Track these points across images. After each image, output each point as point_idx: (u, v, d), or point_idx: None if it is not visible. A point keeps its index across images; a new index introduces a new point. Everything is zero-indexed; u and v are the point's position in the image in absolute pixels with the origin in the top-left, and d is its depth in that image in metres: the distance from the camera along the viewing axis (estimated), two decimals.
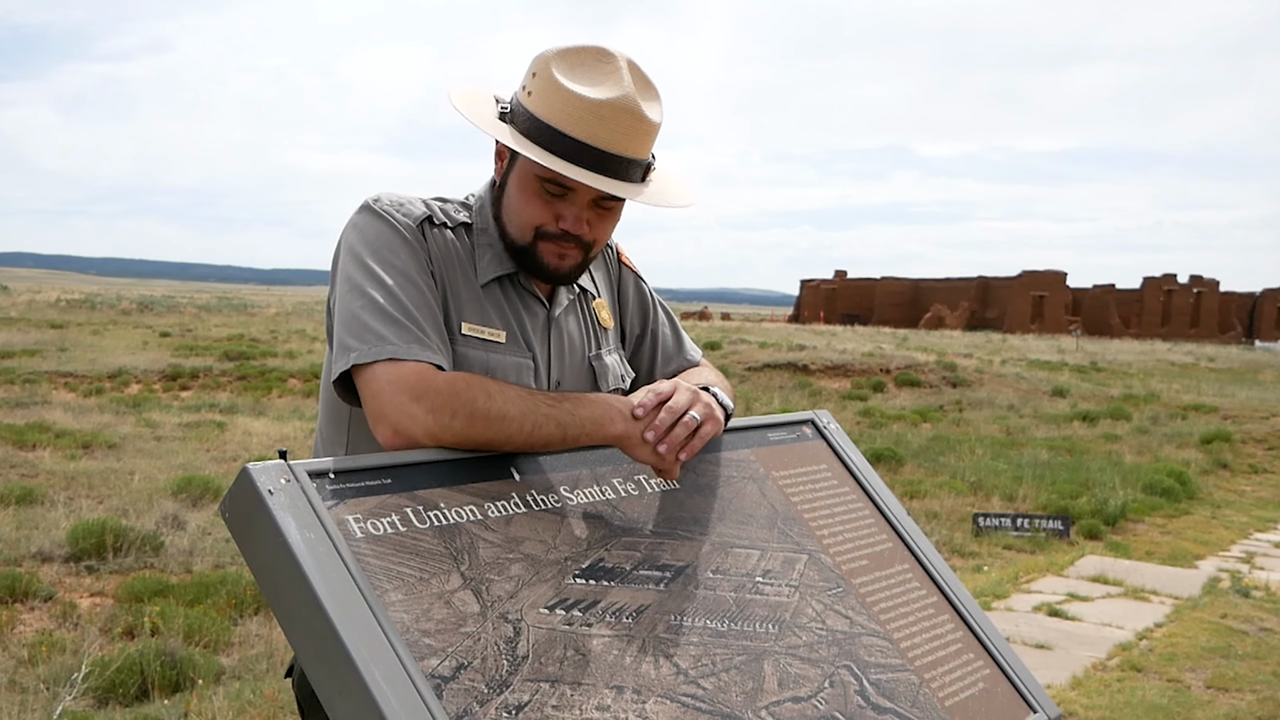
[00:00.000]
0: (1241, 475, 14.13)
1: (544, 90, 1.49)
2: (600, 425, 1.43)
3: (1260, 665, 5.36)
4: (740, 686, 1.33)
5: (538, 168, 1.50)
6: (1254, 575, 7.99)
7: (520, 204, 1.55)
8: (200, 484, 8.88)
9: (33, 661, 5.09)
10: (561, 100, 1.47)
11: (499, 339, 1.56)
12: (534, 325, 1.62)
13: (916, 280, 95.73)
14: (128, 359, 20.26)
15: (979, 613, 1.72)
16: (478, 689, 1.13)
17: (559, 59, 1.50)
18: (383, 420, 1.38)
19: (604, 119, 1.46)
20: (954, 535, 9.14)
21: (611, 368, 1.71)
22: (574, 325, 1.68)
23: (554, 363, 1.63)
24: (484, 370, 1.52)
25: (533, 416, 1.40)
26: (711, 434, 1.51)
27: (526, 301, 1.62)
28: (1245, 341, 75.21)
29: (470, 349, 1.53)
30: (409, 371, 1.39)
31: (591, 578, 1.33)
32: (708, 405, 1.51)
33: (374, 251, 1.49)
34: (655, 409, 1.46)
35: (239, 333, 28.34)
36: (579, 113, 1.46)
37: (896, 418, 17.21)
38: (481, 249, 1.59)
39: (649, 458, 1.46)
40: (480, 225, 1.61)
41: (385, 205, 1.54)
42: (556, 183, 1.51)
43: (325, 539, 1.15)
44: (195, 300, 51.23)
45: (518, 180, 1.55)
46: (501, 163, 1.60)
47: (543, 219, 1.54)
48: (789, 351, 24.01)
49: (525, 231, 1.55)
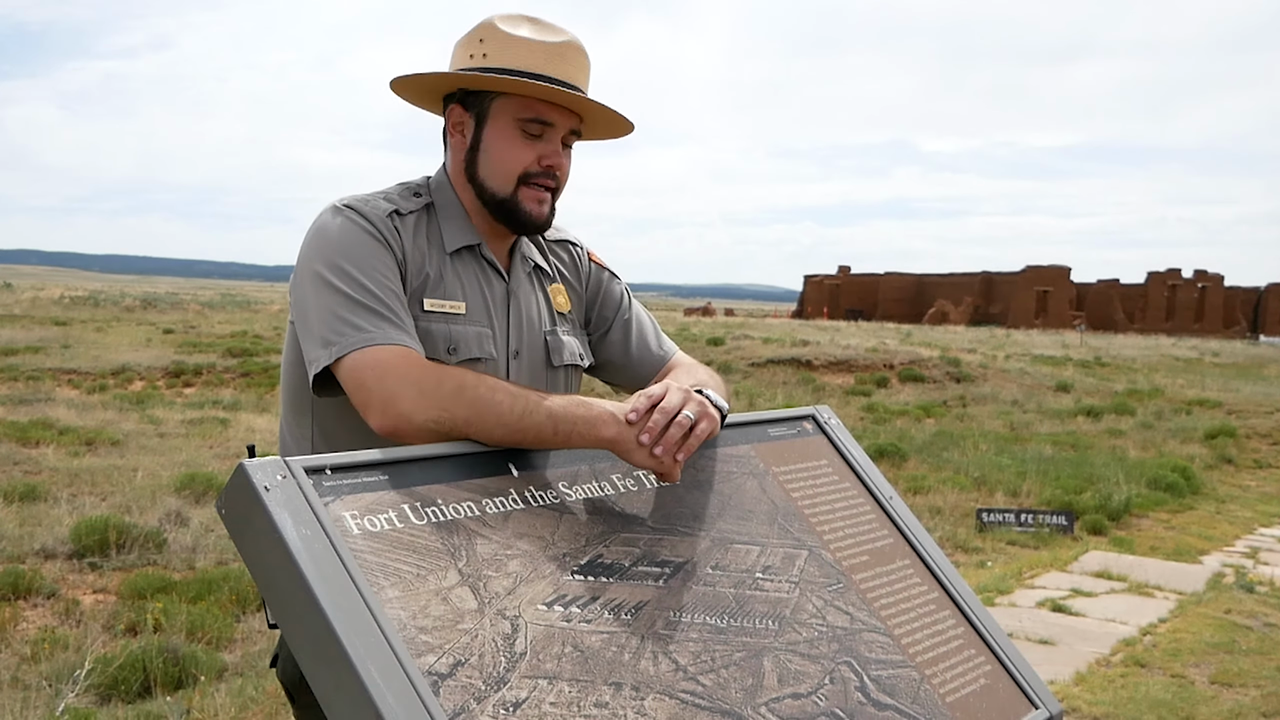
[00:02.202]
0: (1246, 470, 14.10)
1: (501, 46, 1.60)
2: (592, 426, 1.42)
3: (1264, 660, 5.35)
4: (740, 683, 1.32)
5: (517, 110, 1.60)
6: (1258, 570, 7.97)
7: (501, 152, 1.63)
8: (203, 481, 8.88)
9: (35, 658, 5.09)
10: (525, 48, 1.59)
11: (459, 310, 1.61)
12: (493, 297, 1.68)
13: (920, 276, 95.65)
14: (131, 356, 20.29)
15: (980, 608, 1.72)
16: (475, 686, 1.13)
17: (501, 22, 1.62)
18: (371, 407, 1.42)
19: (565, 57, 1.61)
20: (958, 531, 9.13)
21: (567, 344, 1.76)
22: (530, 299, 1.74)
23: (512, 332, 1.68)
24: (446, 341, 1.58)
25: (523, 403, 1.41)
26: (707, 432, 1.49)
27: (487, 274, 1.69)
28: (1250, 336, 75.07)
29: (432, 323, 1.58)
30: (391, 355, 1.44)
31: (590, 574, 1.33)
32: (701, 404, 1.50)
33: (341, 250, 1.53)
34: (648, 412, 1.45)
35: (242, 329, 28.37)
36: (543, 55, 1.59)
37: (900, 413, 17.19)
38: (446, 221, 1.66)
39: (646, 461, 1.45)
40: (441, 202, 1.68)
41: (350, 203, 1.59)
42: (538, 120, 1.61)
43: (322, 535, 1.14)
44: (199, 297, 51.30)
45: (495, 132, 1.63)
46: (463, 135, 1.67)
47: (525, 161, 1.62)
48: (792, 347, 24.00)
49: (509, 180, 1.63)
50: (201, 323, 31.32)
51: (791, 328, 40.62)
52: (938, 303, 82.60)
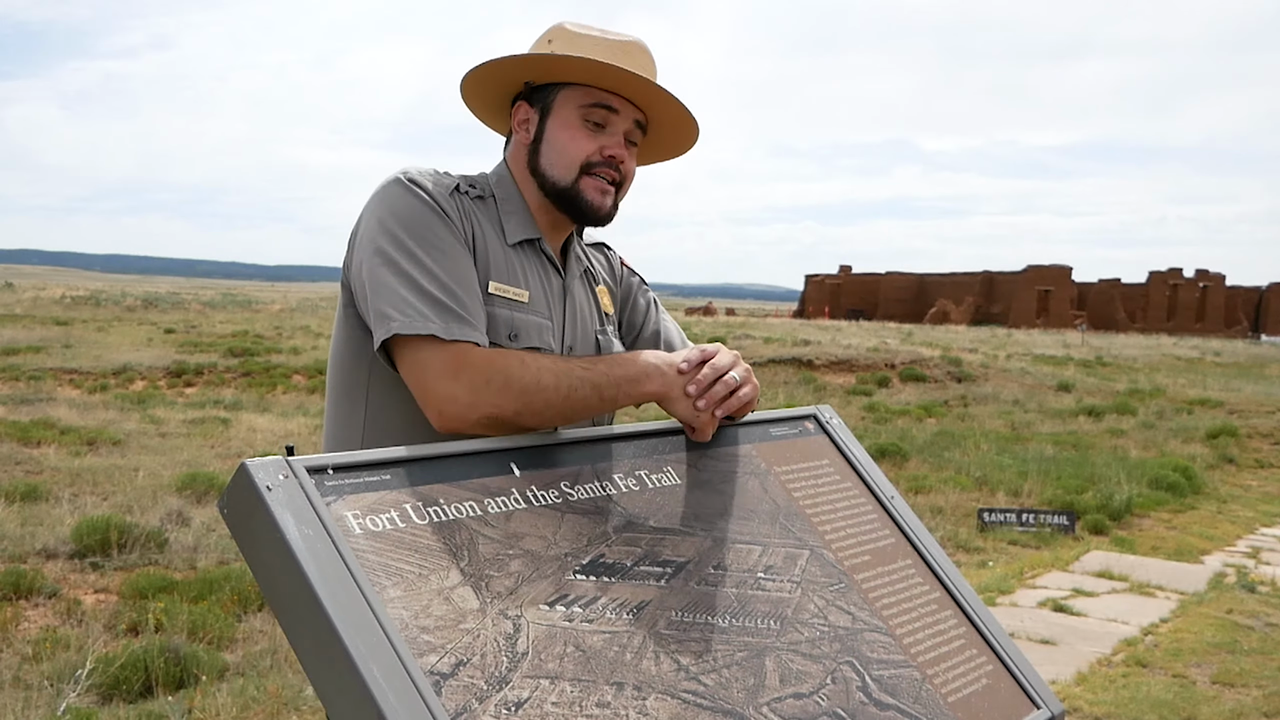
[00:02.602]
0: (1247, 470, 14.10)
1: (569, 42, 1.62)
2: (637, 383, 1.51)
3: (1266, 660, 5.35)
4: (742, 683, 1.32)
5: (581, 99, 1.62)
6: (1260, 570, 7.97)
7: (565, 142, 1.64)
8: (204, 480, 8.89)
9: (37, 658, 5.10)
10: (591, 43, 1.62)
11: (523, 299, 1.61)
12: (550, 290, 1.68)
13: (921, 275, 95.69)
14: (132, 356, 20.30)
15: (982, 608, 1.72)
16: (477, 686, 1.12)
17: (570, 25, 1.65)
18: (428, 406, 1.47)
19: (630, 53, 1.63)
20: (959, 531, 9.13)
21: (616, 345, 1.77)
22: (583, 297, 1.75)
23: (567, 328, 1.69)
24: (508, 327, 1.58)
25: (568, 379, 1.46)
26: (749, 398, 1.58)
27: (546, 268, 1.69)
28: (1251, 336, 75.05)
29: (496, 308, 1.58)
30: (449, 355, 1.45)
31: (592, 574, 1.33)
32: (748, 370, 1.59)
33: (407, 226, 1.52)
34: (698, 365, 1.54)
35: (243, 329, 28.39)
36: (608, 50, 1.62)
37: (901, 413, 17.19)
38: (508, 214, 1.66)
39: (686, 412, 1.53)
40: (502, 195, 1.68)
41: (416, 177, 1.58)
42: (601, 105, 1.63)
43: (324, 535, 1.14)
44: (200, 297, 51.32)
45: (559, 122, 1.64)
46: (527, 131, 1.67)
47: (588, 150, 1.63)
48: (793, 347, 24.00)
49: (571, 169, 1.63)
50: (202, 322, 31.33)
51: (793, 327, 40.62)
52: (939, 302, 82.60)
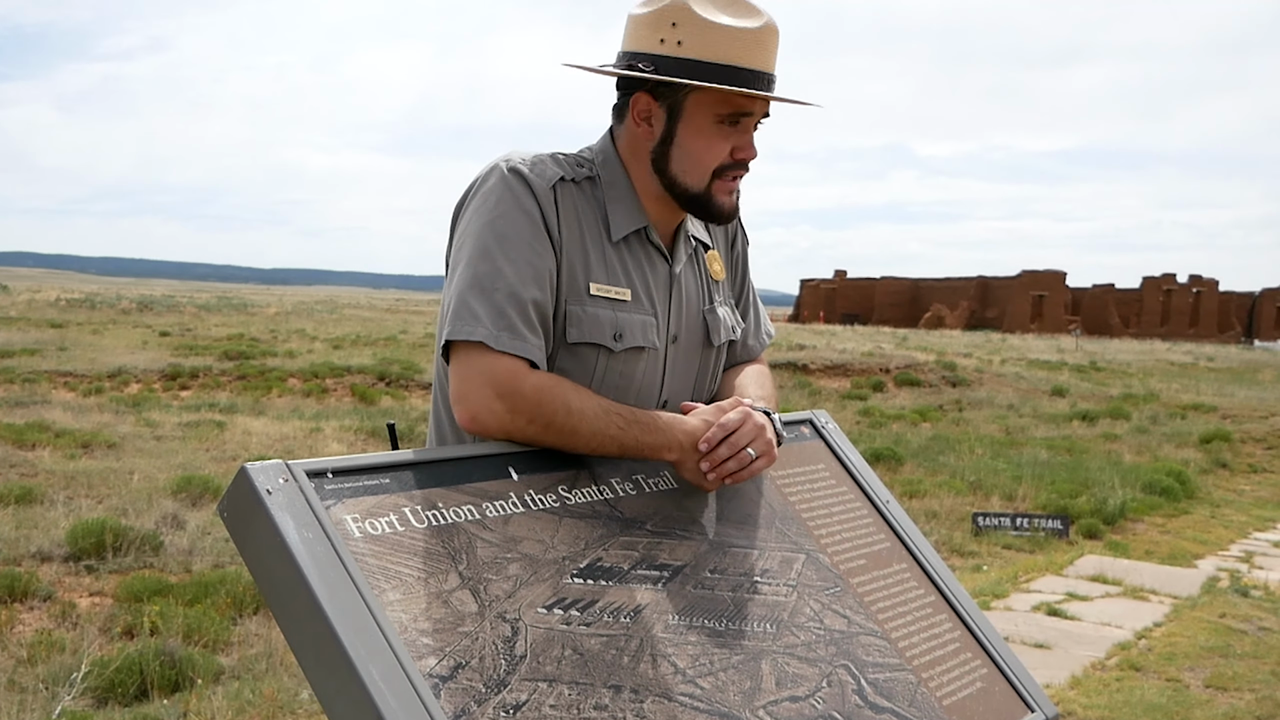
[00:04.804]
0: (1241, 475, 14.13)
1: (699, 33, 1.53)
2: (658, 451, 1.52)
3: (1259, 664, 5.36)
4: (738, 686, 1.33)
5: (716, 105, 1.55)
6: (1253, 575, 7.99)
7: (700, 150, 1.58)
8: (200, 483, 8.87)
9: (32, 661, 5.09)
10: (727, 37, 1.53)
11: (625, 297, 1.59)
12: (656, 281, 1.65)
13: (916, 280, 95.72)
14: (127, 358, 20.25)
15: (977, 612, 1.73)
16: (475, 688, 1.13)
17: (693, 6, 1.54)
18: (464, 404, 1.45)
19: (763, 43, 1.55)
20: (953, 535, 9.14)
21: (724, 319, 1.74)
22: (691, 280, 1.72)
23: (672, 317, 1.67)
24: (613, 327, 1.56)
25: (600, 438, 1.47)
26: (762, 469, 1.56)
27: (651, 258, 1.65)
28: (1244, 341, 75.20)
29: (599, 309, 1.56)
30: (501, 368, 1.44)
31: (589, 577, 1.34)
32: (769, 443, 1.56)
33: (491, 225, 1.51)
34: (719, 444, 1.52)
35: (239, 332, 28.33)
36: (744, 45, 1.53)
37: (896, 417, 17.20)
38: (613, 203, 1.61)
39: (697, 480, 1.54)
40: (608, 179, 1.62)
41: (518, 168, 1.55)
42: (739, 112, 1.57)
43: (323, 538, 1.15)
44: (195, 300, 51.22)
45: (691, 129, 1.58)
46: (650, 125, 1.60)
47: (720, 155, 1.59)
48: (789, 351, 24.01)
49: (704, 176, 1.59)
50: (198, 325, 31.27)
51: (788, 332, 40.64)
52: (934, 307, 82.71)
